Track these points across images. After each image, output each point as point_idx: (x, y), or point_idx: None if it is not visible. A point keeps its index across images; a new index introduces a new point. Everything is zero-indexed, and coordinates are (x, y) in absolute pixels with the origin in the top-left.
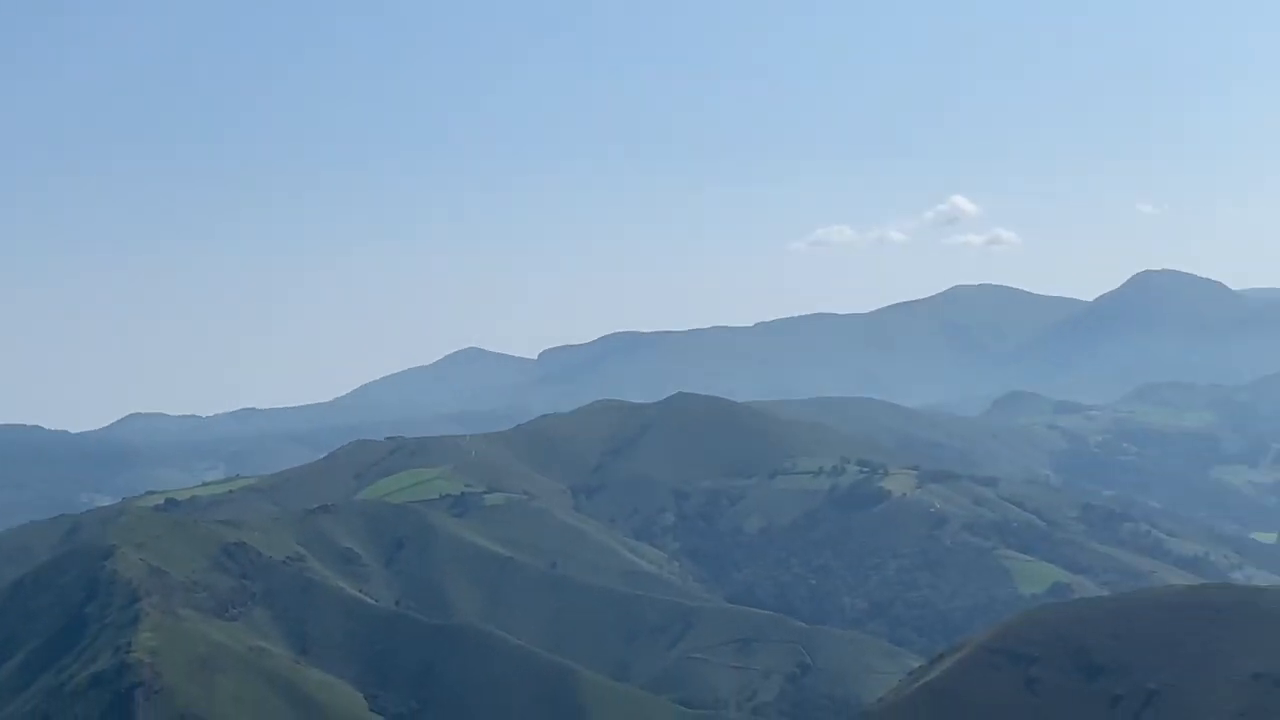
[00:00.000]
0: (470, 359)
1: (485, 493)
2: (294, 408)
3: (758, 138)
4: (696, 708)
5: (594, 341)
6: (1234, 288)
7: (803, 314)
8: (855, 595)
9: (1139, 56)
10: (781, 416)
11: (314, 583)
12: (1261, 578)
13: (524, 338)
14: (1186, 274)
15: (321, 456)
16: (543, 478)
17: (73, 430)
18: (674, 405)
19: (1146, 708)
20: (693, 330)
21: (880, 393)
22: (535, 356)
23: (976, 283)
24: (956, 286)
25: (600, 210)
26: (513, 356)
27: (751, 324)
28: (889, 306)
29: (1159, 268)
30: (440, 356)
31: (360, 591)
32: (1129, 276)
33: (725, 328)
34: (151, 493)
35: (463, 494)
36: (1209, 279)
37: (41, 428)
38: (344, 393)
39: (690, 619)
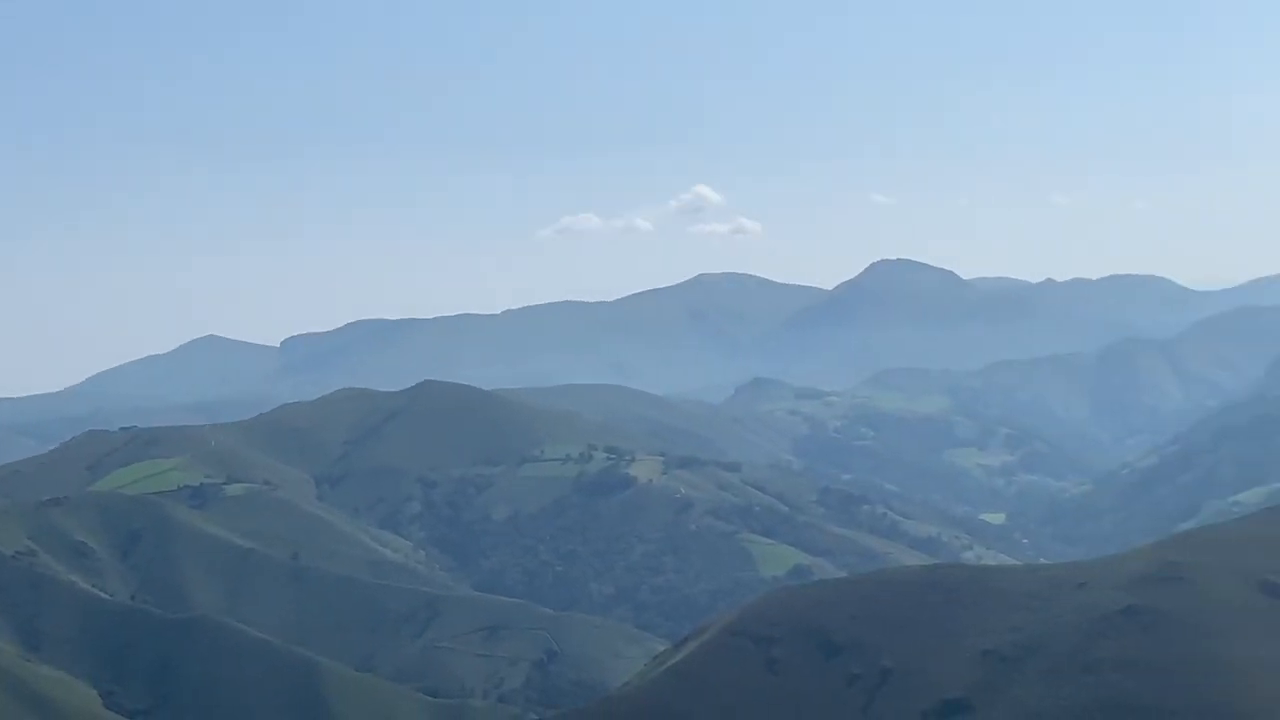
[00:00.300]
0: (209, 347)
1: (225, 483)
2: (21, 398)
3: (504, 125)
4: (443, 697)
5: (339, 329)
6: (964, 277)
7: (550, 301)
8: (602, 581)
9: (870, 50)
10: (529, 404)
11: (45, 578)
12: (991, 557)
13: (265, 325)
14: (919, 263)
15: (52, 448)
16: (285, 467)
17: None
18: (420, 393)
19: (882, 685)
20: (440, 317)
21: (627, 380)
22: (278, 344)
23: (721, 271)
24: (701, 275)
25: (343, 195)
26: (254, 344)
27: (499, 311)
28: (636, 294)
29: (893, 257)
30: (177, 344)
31: (94, 586)
32: (865, 265)
33: (472, 315)
34: None
35: (201, 485)
36: (940, 268)
37: None
38: (75, 382)
39: (436, 608)
